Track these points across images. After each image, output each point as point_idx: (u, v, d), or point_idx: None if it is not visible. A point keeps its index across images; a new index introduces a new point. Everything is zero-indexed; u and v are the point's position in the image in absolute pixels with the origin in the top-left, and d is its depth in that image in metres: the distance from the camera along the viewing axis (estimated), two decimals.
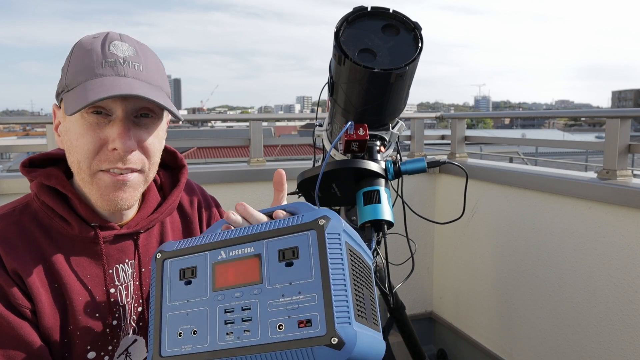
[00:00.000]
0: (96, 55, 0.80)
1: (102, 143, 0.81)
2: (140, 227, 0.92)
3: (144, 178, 0.87)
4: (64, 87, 0.82)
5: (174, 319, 0.66)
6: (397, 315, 1.83)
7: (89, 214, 0.87)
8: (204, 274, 0.66)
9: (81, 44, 0.83)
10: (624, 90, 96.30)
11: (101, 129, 0.81)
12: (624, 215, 1.63)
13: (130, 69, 0.81)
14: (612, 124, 1.72)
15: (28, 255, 0.83)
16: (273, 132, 23.08)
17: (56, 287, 0.84)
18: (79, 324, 0.85)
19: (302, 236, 0.62)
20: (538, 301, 1.99)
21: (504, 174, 2.12)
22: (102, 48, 0.81)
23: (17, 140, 13.58)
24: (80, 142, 0.81)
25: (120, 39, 0.84)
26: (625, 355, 1.66)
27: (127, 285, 0.91)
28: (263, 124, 2.45)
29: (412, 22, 1.16)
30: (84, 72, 0.80)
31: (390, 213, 1.16)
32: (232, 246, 0.66)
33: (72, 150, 0.83)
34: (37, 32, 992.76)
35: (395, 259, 1.52)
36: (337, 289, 0.58)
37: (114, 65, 0.80)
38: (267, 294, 0.60)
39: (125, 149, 0.80)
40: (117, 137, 0.80)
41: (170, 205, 0.98)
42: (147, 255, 0.95)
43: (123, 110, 0.81)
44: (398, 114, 1.29)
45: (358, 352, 0.56)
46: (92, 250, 0.88)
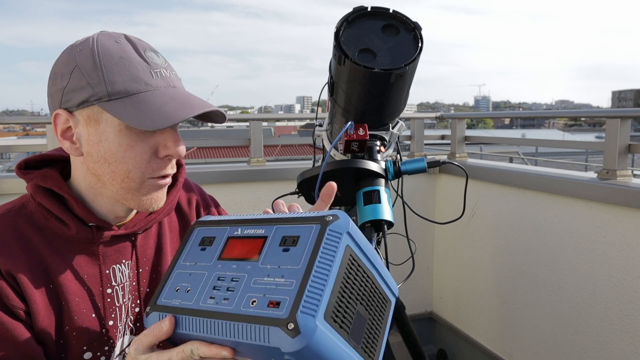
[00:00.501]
0: (139, 65, 0.79)
1: (153, 151, 0.82)
2: (138, 228, 0.92)
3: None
4: (104, 95, 0.78)
5: (180, 276, 0.70)
6: (397, 315, 1.83)
7: (86, 214, 0.86)
8: (217, 244, 0.71)
9: (108, 49, 0.79)
10: (624, 90, 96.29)
11: (149, 137, 0.81)
12: (624, 215, 1.63)
13: (174, 77, 0.84)
14: (612, 124, 1.72)
15: (23, 256, 0.82)
16: (273, 132, 23.07)
17: (52, 288, 0.84)
18: (75, 324, 0.84)
19: (307, 227, 0.64)
20: (538, 301, 1.99)
21: (504, 174, 2.12)
22: (140, 55, 0.81)
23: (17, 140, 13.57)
24: (130, 153, 0.80)
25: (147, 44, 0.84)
26: (625, 355, 1.66)
27: (123, 286, 0.91)
28: (263, 124, 2.45)
29: (412, 22, 1.16)
30: (133, 82, 0.78)
31: (390, 213, 1.16)
32: (250, 225, 0.71)
33: (116, 161, 0.81)
34: (37, 32, 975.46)
35: (395, 259, 1.52)
36: (315, 280, 0.58)
37: (161, 75, 0.81)
38: (256, 271, 0.63)
39: (181, 154, 0.83)
40: (173, 145, 0.82)
41: (168, 205, 0.97)
42: (145, 256, 0.94)
43: None
44: (398, 114, 1.29)
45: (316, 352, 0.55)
46: (89, 251, 0.88)
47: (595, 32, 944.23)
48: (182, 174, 1.01)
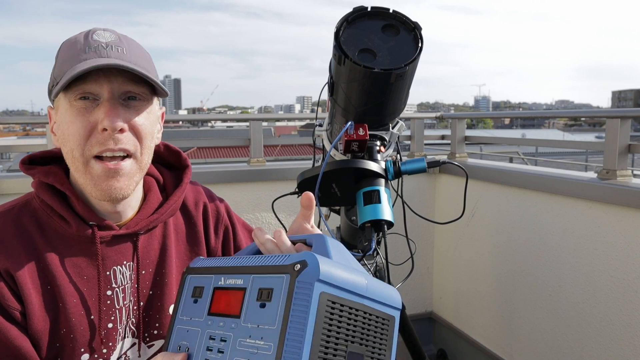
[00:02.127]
0: (79, 45, 0.82)
1: (92, 127, 0.81)
2: (139, 228, 0.90)
3: (137, 165, 0.86)
4: (53, 81, 0.84)
5: (179, 333, 0.71)
6: None
7: (87, 213, 0.86)
8: (206, 296, 0.70)
9: (65, 41, 0.86)
10: (624, 90, 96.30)
11: (90, 112, 0.81)
12: (624, 215, 1.63)
13: (114, 52, 0.82)
14: (612, 124, 1.72)
15: (23, 255, 0.82)
16: (273, 132, 23.09)
17: (49, 289, 0.83)
18: (72, 326, 0.83)
19: (279, 278, 0.61)
20: (538, 301, 1.99)
21: (504, 174, 2.12)
22: (85, 38, 0.83)
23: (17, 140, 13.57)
24: (70, 129, 0.81)
25: (103, 30, 0.86)
26: (625, 355, 1.66)
27: (124, 288, 0.89)
28: (263, 124, 2.45)
29: (412, 22, 1.16)
30: (69, 62, 0.81)
31: (390, 213, 1.16)
32: (231, 274, 0.69)
33: (65, 141, 0.83)
34: (37, 32, 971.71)
35: (395, 259, 1.52)
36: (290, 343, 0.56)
37: (97, 49, 0.82)
38: (240, 331, 0.62)
39: (114, 126, 0.80)
40: (105, 116, 0.80)
41: (172, 205, 0.96)
42: (148, 257, 0.93)
43: (109, 91, 0.81)
44: (398, 114, 1.29)
45: None
46: (89, 251, 0.86)
47: (595, 32, 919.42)
48: (188, 174, 1.00)
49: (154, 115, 0.89)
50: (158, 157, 1.01)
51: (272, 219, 2.28)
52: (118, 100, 0.82)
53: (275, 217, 1.60)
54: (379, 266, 1.72)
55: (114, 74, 0.81)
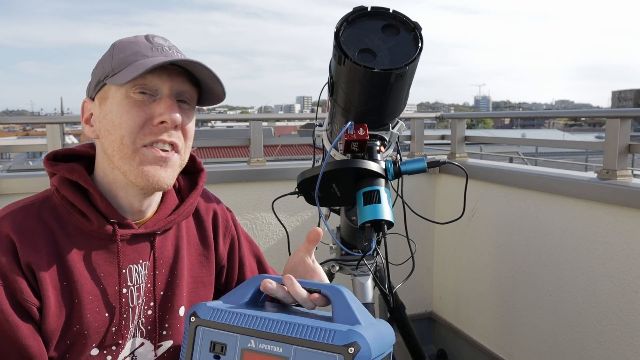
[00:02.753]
0: (142, 44, 0.86)
1: (148, 119, 0.84)
2: (157, 228, 0.92)
3: (180, 161, 0.89)
4: (110, 71, 0.85)
5: None
6: (397, 315, 1.83)
7: (108, 210, 0.87)
8: (232, 355, 0.69)
9: (123, 40, 0.89)
10: (624, 90, 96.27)
11: (147, 106, 0.84)
12: (624, 215, 1.63)
13: (178, 54, 0.87)
14: (612, 124, 1.72)
15: (44, 249, 0.82)
16: (273, 132, 23.06)
17: (65, 285, 0.83)
18: (86, 323, 0.84)
19: (330, 357, 0.63)
20: (538, 301, 1.99)
21: (504, 174, 2.12)
22: (147, 39, 0.87)
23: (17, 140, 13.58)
24: (125, 117, 0.83)
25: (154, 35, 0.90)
26: (625, 355, 1.66)
27: (138, 287, 0.90)
28: (263, 124, 2.45)
29: (412, 22, 1.16)
30: (133, 56, 0.84)
31: (390, 213, 1.16)
32: (264, 339, 0.68)
33: (114, 129, 0.84)
34: (37, 32, 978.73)
35: (395, 259, 1.52)
36: None
37: (162, 50, 0.86)
38: None
39: (175, 120, 0.84)
40: (166, 111, 0.83)
41: (188, 207, 0.98)
42: (162, 257, 0.94)
43: (169, 88, 0.85)
44: (398, 114, 1.29)
45: None
46: (108, 248, 0.87)
47: (595, 31, 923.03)
48: (203, 178, 1.02)
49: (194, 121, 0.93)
50: None
51: (272, 219, 2.28)
52: (174, 99, 0.86)
53: (275, 217, 1.60)
54: (379, 266, 1.72)
55: (175, 74, 0.85)
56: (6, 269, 0.79)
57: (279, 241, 2.31)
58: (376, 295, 1.78)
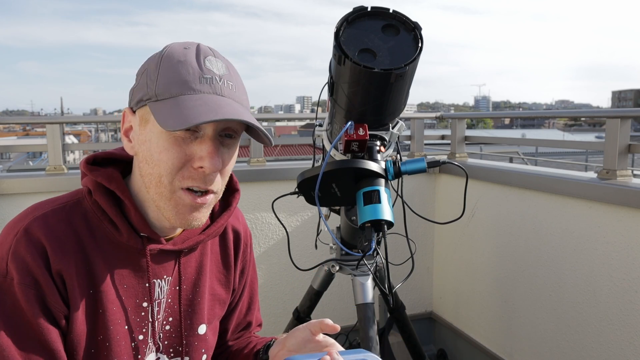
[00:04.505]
0: (192, 69, 0.78)
1: (187, 159, 0.79)
2: (186, 246, 0.90)
3: (216, 199, 0.87)
4: (153, 95, 0.79)
5: None
6: (397, 315, 1.83)
7: (140, 224, 0.85)
8: None
9: (172, 53, 0.80)
10: (624, 90, 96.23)
11: (187, 144, 0.78)
12: (624, 215, 1.63)
13: (226, 87, 0.80)
14: (612, 124, 1.72)
15: (73, 256, 0.81)
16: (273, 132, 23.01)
17: (91, 294, 0.82)
18: (109, 334, 0.83)
19: None
20: (538, 301, 1.99)
21: (504, 174, 2.12)
22: (198, 61, 0.79)
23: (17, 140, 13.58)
24: (164, 155, 0.78)
25: (213, 54, 0.82)
26: (625, 355, 1.66)
27: (160, 302, 0.89)
28: (263, 124, 2.45)
29: (412, 22, 1.16)
30: (179, 85, 0.77)
31: (390, 213, 1.16)
32: None
33: (152, 163, 0.80)
34: (37, 32, 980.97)
35: (395, 259, 1.52)
36: None
37: (211, 82, 0.78)
38: None
39: (214, 169, 0.79)
40: (207, 156, 0.78)
41: (219, 227, 0.96)
42: (185, 273, 0.93)
43: (214, 129, 0.79)
44: (398, 114, 1.29)
45: None
46: (136, 261, 0.86)
47: (594, 31, 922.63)
48: (237, 199, 0.99)
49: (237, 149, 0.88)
50: None
51: (272, 219, 2.28)
52: (218, 138, 0.80)
53: (276, 217, 1.60)
54: (379, 266, 1.72)
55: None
56: (38, 275, 0.77)
57: (279, 241, 2.31)
58: (376, 295, 1.78)
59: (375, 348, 1.55)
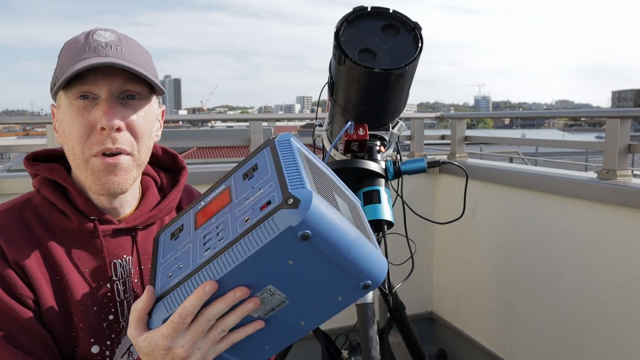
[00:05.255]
0: (80, 44, 0.85)
1: (92, 126, 0.83)
2: (138, 223, 0.93)
3: (134, 162, 0.88)
4: (55, 80, 0.86)
5: (165, 268, 0.71)
6: (397, 315, 1.83)
7: (87, 208, 0.88)
8: (188, 225, 0.73)
9: (68, 41, 0.88)
10: (624, 90, 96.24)
11: (89, 112, 0.83)
12: (624, 215, 1.63)
13: (112, 51, 0.84)
14: (612, 124, 1.72)
15: (29, 248, 0.84)
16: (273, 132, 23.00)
17: (57, 280, 0.85)
18: (82, 316, 0.86)
19: (259, 155, 0.68)
20: (538, 301, 1.99)
21: (504, 174, 2.12)
22: (86, 38, 0.85)
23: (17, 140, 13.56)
24: (71, 127, 0.84)
25: (104, 30, 0.88)
26: (625, 355, 1.66)
27: (124, 281, 0.91)
28: (263, 124, 2.45)
29: (412, 22, 1.16)
30: (69, 61, 0.83)
31: (390, 213, 1.16)
32: (209, 194, 0.74)
33: (67, 139, 0.85)
34: (36, 32, 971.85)
35: (395, 259, 1.52)
36: (288, 169, 0.61)
37: (96, 49, 0.83)
38: (236, 206, 0.65)
39: (111, 125, 0.82)
40: (103, 115, 0.82)
41: (170, 203, 0.98)
42: (147, 252, 0.95)
43: (107, 91, 0.83)
44: (398, 114, 1.29)
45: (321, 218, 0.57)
46: (91, 244, 0.89)
47: (594, 31, 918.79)
48: (185, 175, 1.03)
49: (152, 114, 0.91)
50: (155, 160, 1.04)
51: None
52: (117, 100, 0.84)
53: None
54: None
55: (112, 73, 0.83)
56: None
57: None
58: (376, 295, 1.78)
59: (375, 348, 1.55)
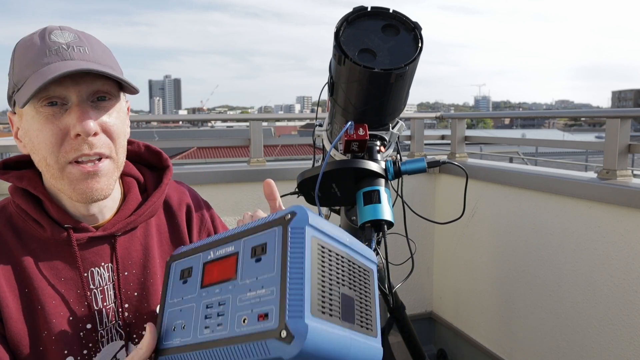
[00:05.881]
0: (37, 47, 0.79)
1: (64, 133, 0.79)
2: (116, 229, 0.89)
3: (114, 164, 0.85)
4: (13, 87, 0.80)
5: (171, 315, 0.71)
6: (397, 315, 1.83)
7: (61, 216, 0.85)
8: (196, 273, 0.71)
9: (20, 43, 0.82)
10: (624, 90, 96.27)
11: (58, 119, 0.79)
12: (624, 215, 1.63)
13: (76, 52, 0.80)
14: (612, 124, 1.72)
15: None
16: (273, 132, 23.07)
17: (27, 292, 0.82)
18: (53, 328, 0.82)
19: (271, 232, 0.64)
20: (538, 301, 1.99)
21: (504, 174, 2.12)
22: (42, 39, 0.80)
23: None
24: (40, 137, 0.79)
25: (60, 28, 0.82)
26: (625, 355, 1.66)
27: (102, 289, 0.88)
28: (263, 124, 2.45)
29: (412, 22, 1.16)
30: (30, 66, 0.78)
31: (390, 213, 1.16)
32: (219, 246, 0.70)
33: (36, 149, 0.81)
34: None
35: (395, 259, 1.51)
36: (292, 282, 0.58)
37: (58, 52, 0.78)
38: (238, 289, 0.63)
39: (88, 131, 0.78)
40: (77, 121, 0.77)
41: (151, 207, 0.94)
42: (129, 258, 0.91)
43: (77, 95, 0.79)
44: (398, 114, 1.29)
45: (316, 348, 0.56)
46: (66, 253, 0.86)
47: (594, 32, 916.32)
48: (168, 175, 0.99)
49: (122, 112, 0.88)
50: (139, 158, 1.01)
51: None
52: (87, 103, 0.80)
53: None
54: (379, 266, 1.72)
55: (79, 76, 0.78)
56: None
57: None
58: None
59: None
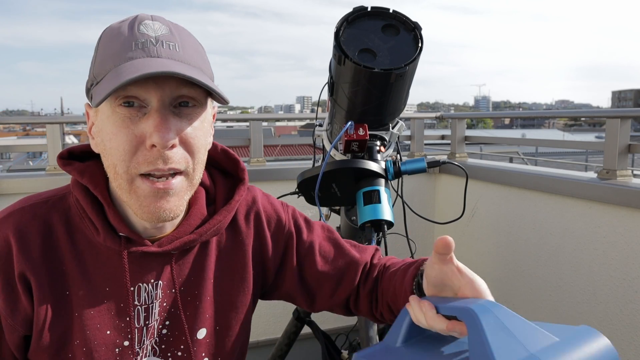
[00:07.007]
0: (123, 37, 0.70)
1: (139, 141, 0.70)
2: (173, 248, 0.80)
3: (188, 182, 0.75)
4: (93, 80, 0.72)
5: None
6: None
7: (118, 222, 0.77)
8: None
9: (108, 30, 0.74)
10: (624, 90, 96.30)
11: (135, 124, 0.70)
12: (624, 215, 1.63)
13: (165, 49, 0.71)
14: (612, 124, 1.72)
15: (42, 256, 0.76)
16: (273, 132, 23.05)
17: (67, 295, 0.77)
18: (87, 339, 0.77)
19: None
20: (538, 301, 1.99)
21: (504, 174, 2.12)
22: (131, 29, 0.71)
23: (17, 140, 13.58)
24: (113, 142, 0.70)
25: (151, 18, 0.74)
26: (626, 355, 1.66)
27: (147, 307, 0.81)
28: (263, 124, 2.45)
29: (412, 22, 1.16)
30: (112, 58, 0.70)
31: (390, 213, 1.16)
32: None
33: (107, 153, 0.72)
34: (36, 32, 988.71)
35: None
36: None
37: (144, 46, 0.70)
38: None
39: (165, 143, 0.69)
40: (154, 130, 0.68)
41: (214, 227, 0.84)
42: (180, 275, 0.83)
43: (158, 99, 0.70)
44: (398, 114, 1.29)
45: None
46: (116, 263, 0.78)
47: (595, 32, 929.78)
48: (241, 190, 0.88)
49: (207, 122, 0.78)
50: (214, 161, 0.90)
51: None
52: (169, 109, 0.71)
53: None
54: None
55: (164, 77, 0.69)
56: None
57: None
58: None
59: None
